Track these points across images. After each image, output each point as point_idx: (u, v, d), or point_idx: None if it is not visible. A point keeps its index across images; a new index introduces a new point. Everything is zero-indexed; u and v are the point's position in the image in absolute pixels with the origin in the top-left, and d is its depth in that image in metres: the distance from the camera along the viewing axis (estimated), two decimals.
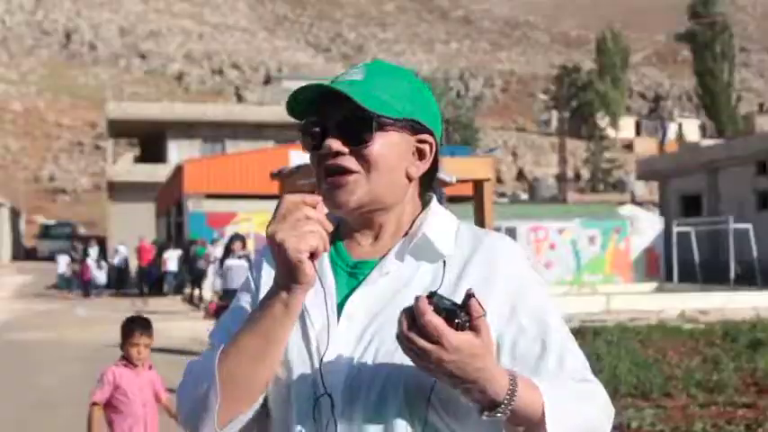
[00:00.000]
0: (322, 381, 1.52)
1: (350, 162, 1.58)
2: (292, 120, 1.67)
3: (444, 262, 1.60)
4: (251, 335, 1.52)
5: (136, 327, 5.28)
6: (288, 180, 7.76)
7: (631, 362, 10.22)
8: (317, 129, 1.61)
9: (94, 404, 5.24)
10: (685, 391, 9.24)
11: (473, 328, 1.38)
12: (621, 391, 9.07)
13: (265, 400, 1.58)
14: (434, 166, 1.69)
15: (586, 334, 13.43)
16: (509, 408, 1.42)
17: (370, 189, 1.58)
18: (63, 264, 31.71)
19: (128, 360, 5.29)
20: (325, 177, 1.60)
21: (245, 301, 1.70)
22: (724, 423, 7.76)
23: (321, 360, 1.54)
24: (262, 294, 1.61)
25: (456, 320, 1.37)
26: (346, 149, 1.58)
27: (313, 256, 1.48)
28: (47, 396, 10.87)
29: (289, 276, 1.48)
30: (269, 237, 1.47)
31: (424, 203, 1.70)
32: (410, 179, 1.64)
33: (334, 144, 1.57)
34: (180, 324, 18.55)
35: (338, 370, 1.53)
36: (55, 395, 10.91)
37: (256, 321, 1.52)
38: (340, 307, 1.59)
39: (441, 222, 1.66)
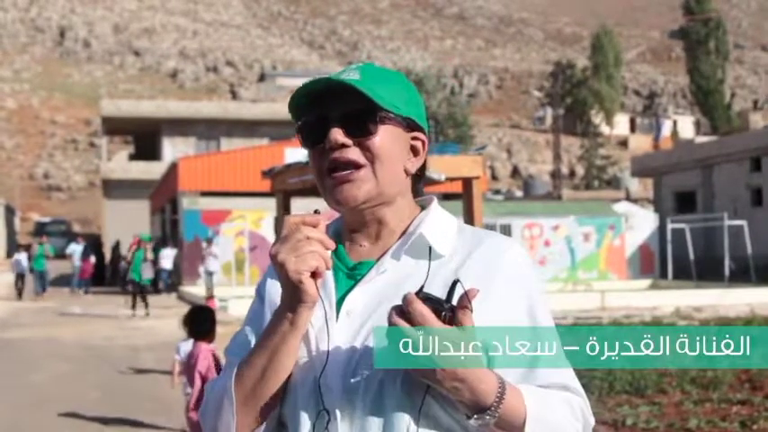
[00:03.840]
0: (320, 394, 1.54)
1: (355, 154, 1.60)
2: (287, 117, 1.69)
3: (434, 260, 1.62)
4: (261, 354, 1.56)
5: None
6: (278, 178, 7.77)
7: None
8: (319, 123, 1.62)
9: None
10: (680, 388, 9.24)
11: (458, 322, 1.40)
12: (616, 388, 9.07)
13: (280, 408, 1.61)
14: (424, 165, 1.72)
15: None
16: (497, 412, 1.44)
17: (377, 182, 1.61)
18: (24, 262, 28.40)
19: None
20: (330, 173, 1.61)
21: (255, 312, 1.72)
22: (718, 420, 7.76)
23: (323, 368, 1.55)
24: (268, 303, 1.67)
25: (442, 313, 1.40)
26: (350, 141, 1.59)
27: (315, 275, 1.51)
28: (39, 394, 10.84)
29: (292, 296, 1.52)
30: (271, 258, 1.52)
31: (423, 204, 1.73)
32: (407, 174, 1.67)
33: (339, 136, 1.59)
34: (174, 322, 18.51)
35: (336, 369, 1.55)
36: (47, 393, 10.89)
37: (265, 340, 1.57)
38: (339, 306, 1.60)
39: (440, 222, 1.67)
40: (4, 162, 79.10)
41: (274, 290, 1.67)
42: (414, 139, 1.68)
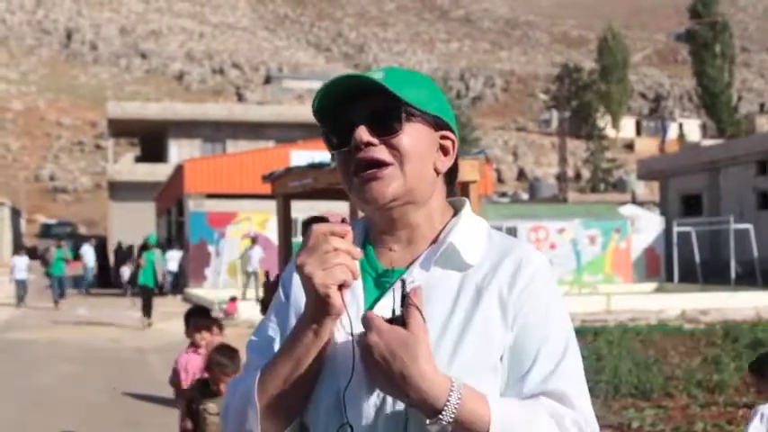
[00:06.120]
0: (344, 407, 1.51)
1: (382, 153, 1.56)
2: (293, 119, 1.64)
3: (462, 270, 1.60)
4: (284, 362, 1.53)
5: (194, 315, 6.26)
6: (279, 182, 7.76)
7: (632, 362, 10.19)
8: (345, 125, 1.58)
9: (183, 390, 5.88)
10: (686, 392, 9.22)
11: (406, 320, 1.42)
12: (622, 391, 9.05)
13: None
14: (455, 166, 1.69)
15: (587, 334, 13.42)
16: (452, 415, 1.40)
17: (405, 181, 1.56)
18: (22, 267, 24.98)
19: (194, 345, 6.10)
20: (357, 172, 1.57)
21: (279, 306, 1.70)
22: (725, 423, 7.74)
23: (348, 381, 1.51)
24: (292, 300, 1.65)
25: (392, 316, 1.44)
26: (376, 140, 1.56)
27: (341, 286, 1.48)
28: (44, 396, 10.85)
29: (317, 308, 1.49)
30: (298, 268, 1.48)
31: (456, 205, 1.69)
32: (437, 173, 1.64)
33: (365, 135, 1.55)
34: (179, 323, 18.52)
35: (360, 383, 1.51)
36: (52, 395, 10.90)
37: (289, 349, 1.54)
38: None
39: (470, 230, 1.63)
40: (10, 164, 79.28)
41: (298, 286, 1.63)
42: (443, 138, 1.64)
